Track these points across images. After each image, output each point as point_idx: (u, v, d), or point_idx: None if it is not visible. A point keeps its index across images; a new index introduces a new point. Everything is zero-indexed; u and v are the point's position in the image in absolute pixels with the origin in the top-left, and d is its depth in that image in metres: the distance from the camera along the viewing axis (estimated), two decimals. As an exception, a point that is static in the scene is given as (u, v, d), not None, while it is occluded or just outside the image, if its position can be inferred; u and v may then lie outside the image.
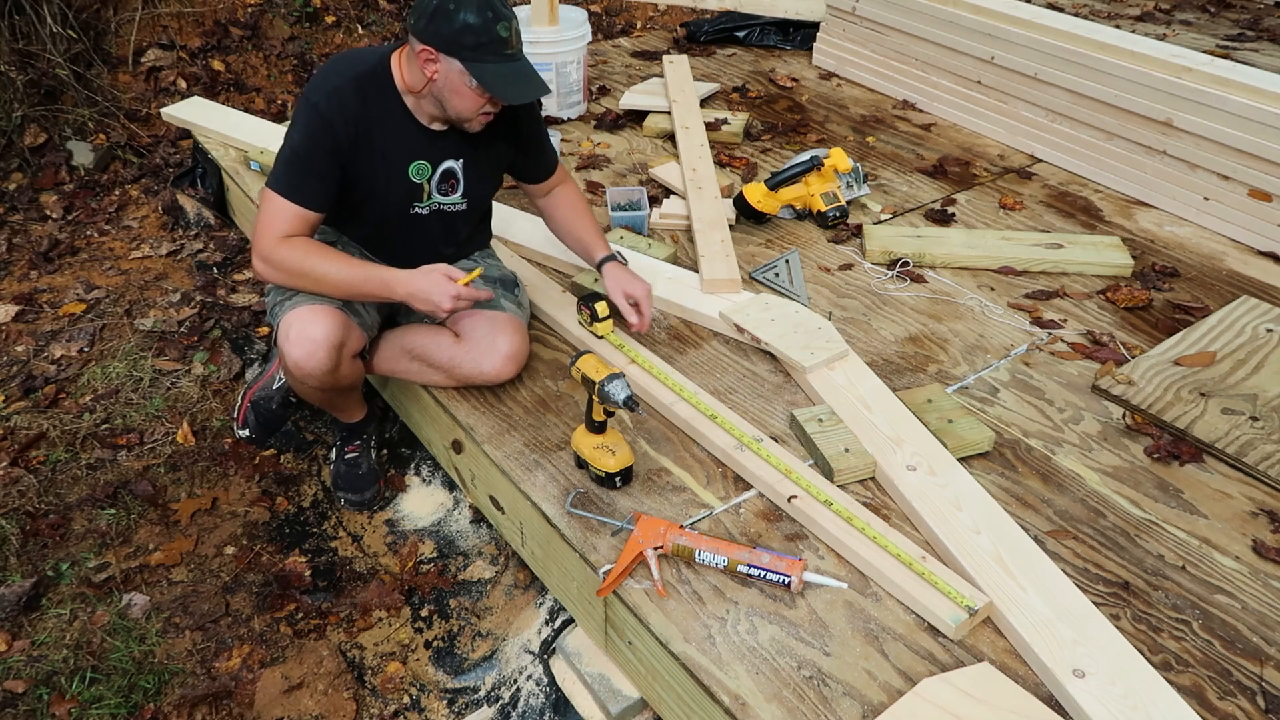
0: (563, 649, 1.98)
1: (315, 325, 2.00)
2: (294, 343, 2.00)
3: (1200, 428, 2.09)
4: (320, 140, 1.94)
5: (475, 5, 1.83)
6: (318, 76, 2.00)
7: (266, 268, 1.99)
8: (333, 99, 1.94)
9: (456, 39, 1.84)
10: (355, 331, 2.09)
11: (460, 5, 1.83)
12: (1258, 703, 1.55)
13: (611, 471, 1.90)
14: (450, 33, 1.84)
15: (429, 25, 1.86)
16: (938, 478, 1.89)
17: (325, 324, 2.01)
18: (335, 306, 2.04)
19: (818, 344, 2.24)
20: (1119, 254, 2.72)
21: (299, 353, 2.00)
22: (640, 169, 3.29)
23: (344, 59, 2.04)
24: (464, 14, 1.82)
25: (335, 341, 2.02)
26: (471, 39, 1.84)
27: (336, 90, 1.94)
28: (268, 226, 1.96)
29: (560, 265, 2.66)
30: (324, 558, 2.37)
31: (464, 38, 1.84)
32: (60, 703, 1.99)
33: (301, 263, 1.96)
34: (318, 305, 2.02)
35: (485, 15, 1.83)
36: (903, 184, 3.22)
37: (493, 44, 1.86)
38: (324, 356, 2.01)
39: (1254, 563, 1.81)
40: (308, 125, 1.95)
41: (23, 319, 3.13)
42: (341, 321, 2.04)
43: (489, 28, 1.84)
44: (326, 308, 2.02)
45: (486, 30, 1.84)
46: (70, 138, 4.00)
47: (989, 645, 1.62)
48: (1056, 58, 3.27)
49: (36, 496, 2.48)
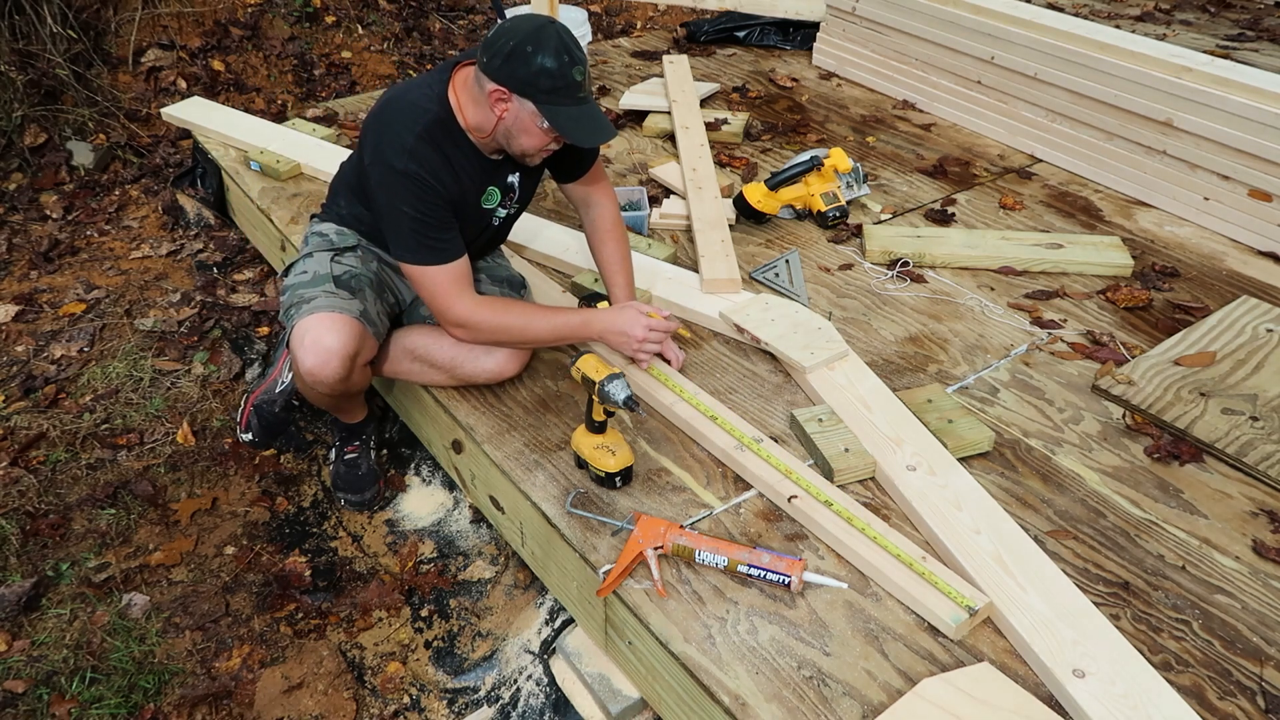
0: (563, 649, 1.98)
1: (332, 335, 2.00)
2: (309, 350, 2.00)
3: (1200, 428, 2.09)
4: (430, 199, 1.95)
5: (553, 49, 1.83)
6: (383, 134, 1.96)
7: (468, 333, 2.06)
8: (417, 159, 1.93)
9: (532, 82, 1.85)
10: (369, 340, 2.09)
11: (538, 49, 1.83)
12: (1258, 703, 1.55)
13: (611, 471, 1.90)
14: (526, 75, 1.84)
15: (504, 66, 1.85)
16: (938, 478, 1.89)
17: (342, 334, 2.01)
18: (352, 315, 2.04)
19: (818, 344, 2.24)
20: (1119, 254, 2.72)
21: (313, 361, 2.00)
22: (640, 169, 3.29)
23: (401, 107, 1.99)
24: (542, 58, 1.83)
25: (350, 352, 2.02)
26: (548, 82, 1.85)
27: (414, 151, 1.93)
28: (446, 297, 2.00)
29: (560, 265, 2.66)
30: (324, 558, 2.37)
31: (540, 80, 1.85)
32: (60, 703, 1.99)
33: (501, 320, 2.05)
34: (335, 313, 2.02)
35: (562, 59, 1.84)
36: (903, 184, 3.22)
37: (568, 88, 1.87)
38: (338, 366, 2.01)
39: (1254, 563, 1.81)
40: (412, 191, 1.93)
41: (23, 319, 3.13)
42: (358, 332, 2.04)
43: (565, 72, 1.85)
44: (343, 316, 2.02)
45: (563, 75, 1.85)
46: (70, 138, 4.00)
47: (989, 645, 1.62)
48: (1056, 58, 3.27)
49: (36, 496, 2.48)
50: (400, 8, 5.13)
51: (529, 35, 1.84)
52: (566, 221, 2.86)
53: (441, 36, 5.13)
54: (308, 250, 2.20)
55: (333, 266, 2.13)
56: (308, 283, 2.10)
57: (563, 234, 2.77)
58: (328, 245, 2.18)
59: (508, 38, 1.85)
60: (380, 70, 4.75)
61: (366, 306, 2.10)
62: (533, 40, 1.83)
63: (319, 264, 2.14)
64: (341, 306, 2.04)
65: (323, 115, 3.68)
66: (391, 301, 2.26)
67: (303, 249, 2.24)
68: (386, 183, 1.95)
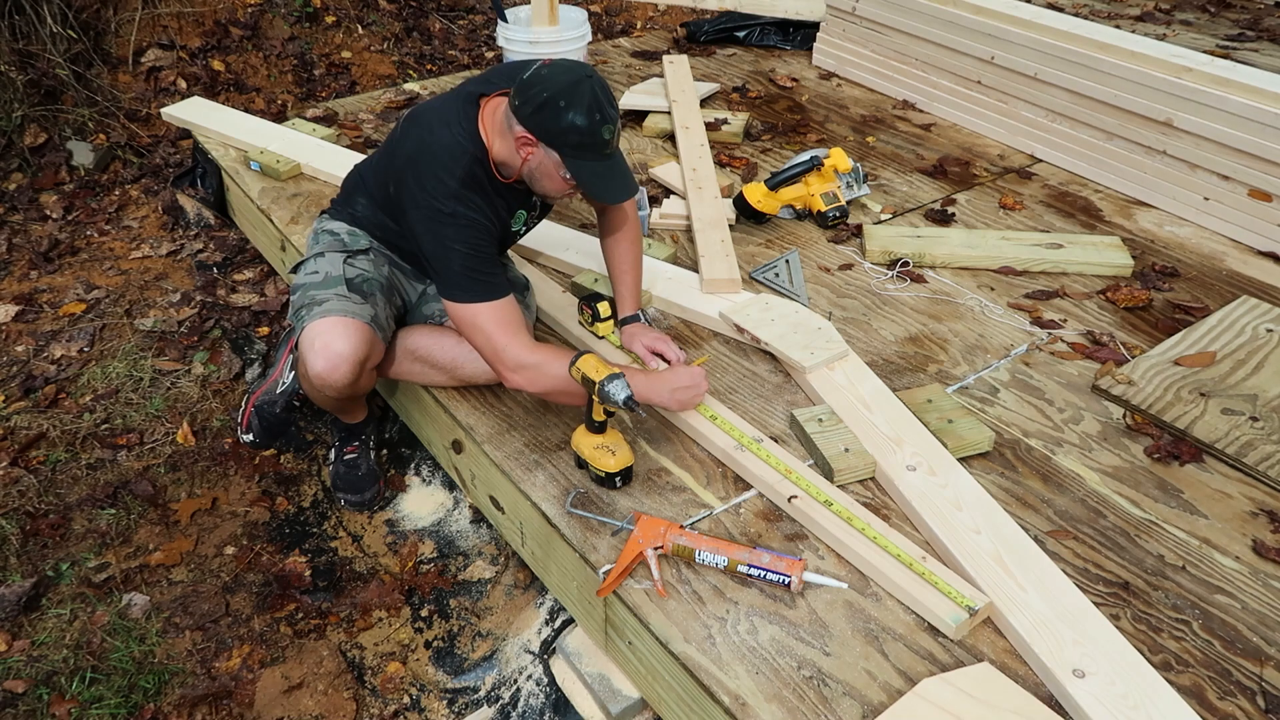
0: (563, 649, 1.98)
1: (343, 340, 2.00)
2: (319, 354, 2.00)
3: (1200, 428, 2.09)
4: (480, 239, 1.95)
5: (585, 107, 1.82)
6: (424, 176, 1.93)
7: (526, 377, 1.93)
8: (463, 203, 1.92)
9: (561, 136, 1.84)
10: (378, 345, 2.09)
11: (570, 105, 1.81)
12: (1258, 703, 1.55)
13: (611, 471, 1.90)
14: (556, 129, 1.84)
15: (534, 115, 1.84)
16: (938, 478, 1.89)
17: (352, 339, 2.01)
18: (364, 320, 2.04)
19: (818, 344, 2.24)
20: (1119, 254, 2.72)
21: (323, 365, 2.00)
22: (640, 169, 3.29)
23: (440, 149, 1.95)
24: (573, 115, 1.82)
25: (360, 357, 2.02)
26: (576, 138, 1.84)
27: (459, 195, 1.92)
28: (499, 338, 1.92)
29: (560, 265, 2.66)
30: (324, 558, 2.37)
31: (569, 136, 1.84)
32: (60, 703, 1.99)
33: (554, 368, 1.91)
34: (346, 317, 2.02)
35: (593, 118, 1.83)
36: (903, 184, 3.22)
37: (596, 145, 1.86)
38: (347, 370, 2.01)
39: (1254, 563, 1.81)
40: (462, 234, 1.92)
41: (23, 319, 3.13)
42: (368, 337, 2.04)
43: (595, 130, 1.84)
44: (355, 321, 2.02)
45: (592, 133, 1.84)
46: (70, 138, 4.00)
47: (989, 645, 1.62)
48: (1056, 58, 3.27)
49: (36, 496, 2.48)
50: (400, 8, 5.13)
51: (564, 90, 1.82)
52: (567, 221, 2.86)
53: (441, 36, 5.14)
54: (319, 249, 2.19)
55: (346, 269, 2.12)
56: (319, 284, 2.10)
57: (561, 233, 2.76)
58: (340, 246, 2.17)
59: (543, 88, 1.83)
60: (380, 70, 4.75)
61: (377, 311, 2.10)
62: (567, 95, 1.81)
63: (331, 265, 2.13)
64: (353, 311, 2.04)
65: (323, 115, 3.67)
66: (399, 304, 2.26)
67: (312, 245, 2.23)
68: (434, 224, 1.93)
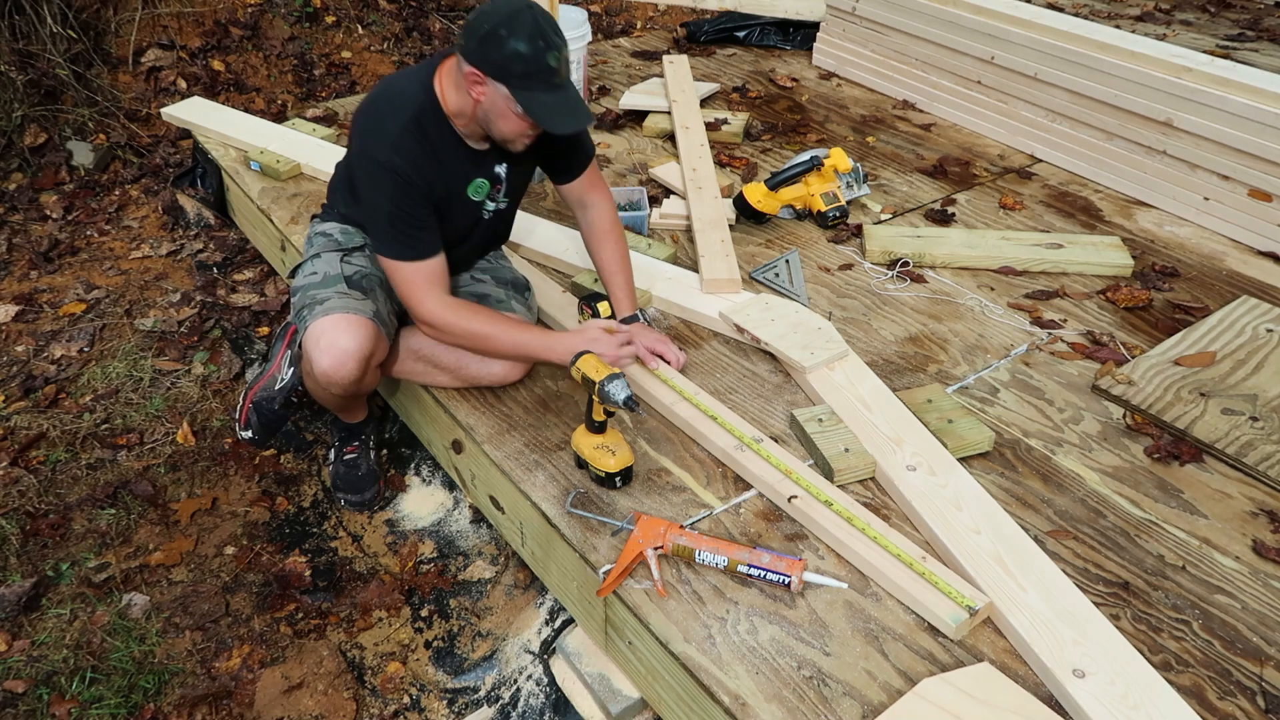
0: (563, 649, 1.98)
1: (348, 337, 2.00)
2: (324, 351, 2.00)
3: (1200, 428, 2.09)
4: (407, 195, 1.94)
5: (527, 33, 1.81)
6: (369, 124, 1.97)
7: (435, 332, 2.05)
8: (400, 152, 1.92)
9: (505, 66, 1.83)
10: (382, 341, 2.09)
11: (512, 32, 1.80)
12: (1258, 703, 1.55)
13: (611, 471, 1.90)
14: (500, 59, 1.82)
15: (478, 49, 1.84)
16: (938, 478, 1.89)
17: (358, 336, 2.01)
18: (367, 316, 2.04)
19: (818, 344, 2.24)
20: (1119, 254, 2.72)
21: (329, 362, 2.00)
22: (640, 169, 3.29)
23: (388, 97, 1.99)
24: (515, 42, 1.80)
25: (366, 353, 2.02)
26: (520, 67, 1.82)
27: (398, 143, 1.92)
28: (415, 293, 2.00)
29: (560, 265, 2.66)
30: (324, 558, 2.37)
31: (513, 65, 1.82)
32: (60, 703, 1.99)
33: (467, 326, 2.02)
34: (350, 315, 2.02)
35: (536, 44, 1.81)
36: (903, 184, 3.22)
37: (541, 73, 1.84)
38: (353, 367, 2.01)
39: (1254, 563, 1.81)
40: (389, 186, 1.93)
41: (23, 319, 3.13)
42: (373, 334, 2.04)
43: (539, 57, 1.82)
44: (358, 317, 2.02)
45: (536, 60, 1.82)
46: (70, 138, 4.00)
47: (989, 645, 1.62)
48: (1056, 58, 3.27)
49: (36, 496, 2.48)
50: (400, 8, 5.13)
51: (505, 19, 1.81)
52: (567, 221, 2.86)
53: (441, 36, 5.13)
54: (314, 251, 2.20)
55: (343, 267, 2.13)
56: (319, 283, 2.10)
57: (560, 233, 2.77)
58: (335, 245, 2.18)
59: (484, 20, 1.83)
60: (380, 70, 4.75)
61: (379, 307, 2.10)
62: (507, 24, 1.81)
63: (329, 264, 2.13)
64: (355, 307, 2.04)
65: (323, 115, 3.68)
66: (399, 299, 2.26)
67: (307, 250, 2.24)
68: (368, 174, 1.96)
